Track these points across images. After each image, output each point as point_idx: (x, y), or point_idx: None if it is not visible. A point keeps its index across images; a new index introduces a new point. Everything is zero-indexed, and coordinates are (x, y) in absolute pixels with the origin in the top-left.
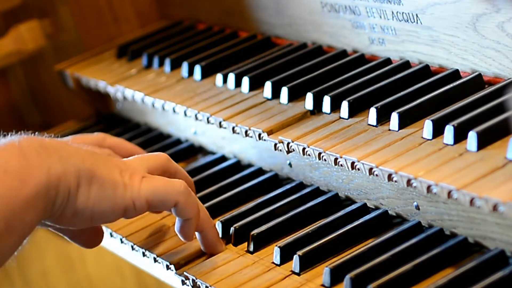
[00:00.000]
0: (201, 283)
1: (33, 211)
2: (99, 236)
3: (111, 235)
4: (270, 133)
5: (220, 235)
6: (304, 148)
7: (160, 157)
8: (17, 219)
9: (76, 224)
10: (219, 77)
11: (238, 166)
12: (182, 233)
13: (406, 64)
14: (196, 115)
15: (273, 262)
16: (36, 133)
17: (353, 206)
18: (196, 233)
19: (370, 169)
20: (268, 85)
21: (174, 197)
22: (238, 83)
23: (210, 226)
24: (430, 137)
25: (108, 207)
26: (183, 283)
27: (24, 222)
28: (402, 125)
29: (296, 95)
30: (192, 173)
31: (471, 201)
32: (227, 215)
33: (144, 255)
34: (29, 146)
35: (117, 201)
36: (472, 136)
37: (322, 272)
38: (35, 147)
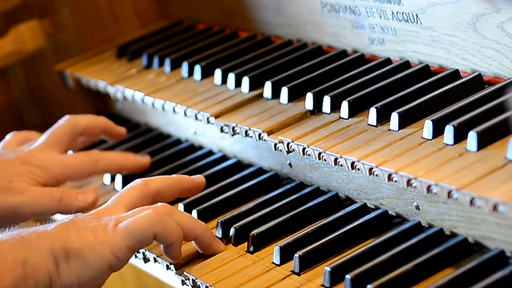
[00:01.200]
0: (201, 283)
1: None
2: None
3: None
4: (270, 133)
5: (220, 235)
6: (304, 148)
7: (136, 188)
8: None
9: None
10: (219, 77)
11: (238, 166)
12: (169, 256)
13: (406, 64)
14: (196, 115)
15: (273, 262)
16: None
17: (353, 206)
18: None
19: (370, 169)
20: (268, 85)
21: (150, 231)
22: (238, 83)
23: (201, 230)
24: (430, 137)
25: (92, 273)
26: (183, 283)
27: None
28: (402, 125)
29: (296, 95)
30: (192, 173)
31: (471, 201)
32: (227, 215)
33: (144, 255)
34: (1, 241)
35: (98, 263)
36: (472, 136)
37: (322, 272)
38: (6, 240)
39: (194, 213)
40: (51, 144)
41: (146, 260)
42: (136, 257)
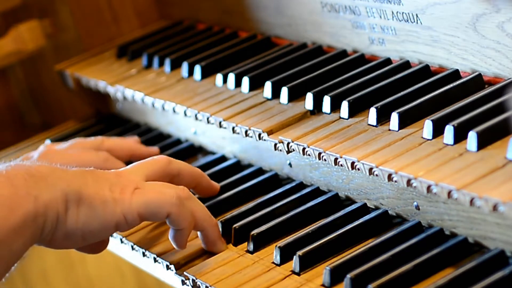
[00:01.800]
0: (201, 283)
1: (20, 239)
2: (104, 242)
3: (111, 235)
4: (270, 133)
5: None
6: (304, 148)
7: (159, 162)
8: (4, 247)
9: (68, 245)
10: (219, 77)
11: (238, 166)
12: (175, 242)
13: (406, 64)
14: (196, 115)
15: (273, 262)
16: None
17: (353, 206)
18: (198, 232)
19: (370, 169)
20: (268, 85)
21: (166, 209)
22: (238, 83)
23: (211, 225)
24: (430, 137)
25: (99, 225)
26: (183, 283)
27: (12, 250)
28: (402, 125)
29: (296, 95)
30: None
31: (471, 201)
32: (227, 215)
33: (144, 255)
34: (17, 175)
35: (107, 218)
36: (472, 136)
37: (322, 272)
38: (22, 175)
39: None
40: None
41: (145, 259)
42: (135, 256)
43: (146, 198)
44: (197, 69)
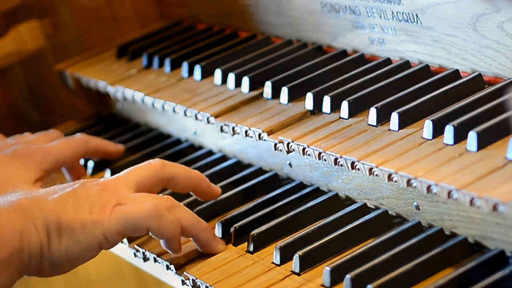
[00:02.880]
0: (201, 283)
1: (7, 273)
2: None
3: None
4: (270, 133)
5: (220, 235)
6: (304, 148)
7: (152, 167)
8: None
9: (57, 273)
10: (219, 77)
11: (238, 166)
12: (168, 249)
13: (406, 64)
14: (196, 115)
15: (273, 262)
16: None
17: (353, 206)
18: (191, 238)
19: (370, 169)
20: (268, 85)
21: (144, 224)
22: (238, 83)
23: (200, 229)
24: (430, 137)
25: (82, 250)
26: (183, 283)
27: None
28: (402, 125)
29: (296, 95)
30: None
31: (471, 201)
32: (227, 215)
33: (144, 255)
34: (1, 211)
35: (88, 241)
36: (472, 136)
37: (322, 272)
38: (6, 210)
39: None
40: None
41: (146, 259)
42: (135, 256)
43: (124, 216)
44: (197, 69)
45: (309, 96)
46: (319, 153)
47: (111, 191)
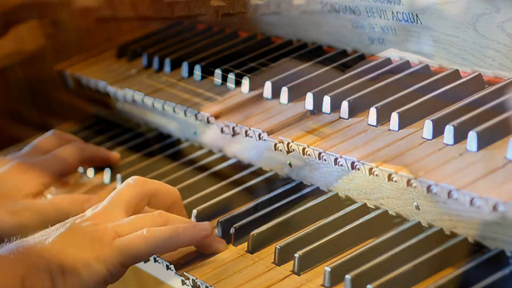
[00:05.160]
0: (201, 283)
1: None
2: None
3: None
4: (270, 133)
5: (220, 235)
6: (304, 148)
7: (135, 186)
8: None
9: None
10: (219, 77)
11: (238, 166)
12: (198, 248)
13: (406, 64)
14: (196, 115)
15: (273, 262)
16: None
17: (353, 206)
18: None
19: (370, 169)
20: (268, 85)
21: (147, 251)
22: (238, 83)
23: (196, 238)
24: (430, 137)
25: None
26: (183, 283)
27: None
28: (402, 125)
29: (296, 95)
30: (192, 173)
31: (471, 201)
32: (227, 215)
33: None
34: (3, 258)
35: (93, 280)
36: (472, 136)
37: (322, 272)
38: (7, 257)
39: (194, 213)
40: None
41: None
42: None
43: (125, 249)
44: (197, 69)
45: (309, 96)
46: (319, 153)
47: (104, 223)
